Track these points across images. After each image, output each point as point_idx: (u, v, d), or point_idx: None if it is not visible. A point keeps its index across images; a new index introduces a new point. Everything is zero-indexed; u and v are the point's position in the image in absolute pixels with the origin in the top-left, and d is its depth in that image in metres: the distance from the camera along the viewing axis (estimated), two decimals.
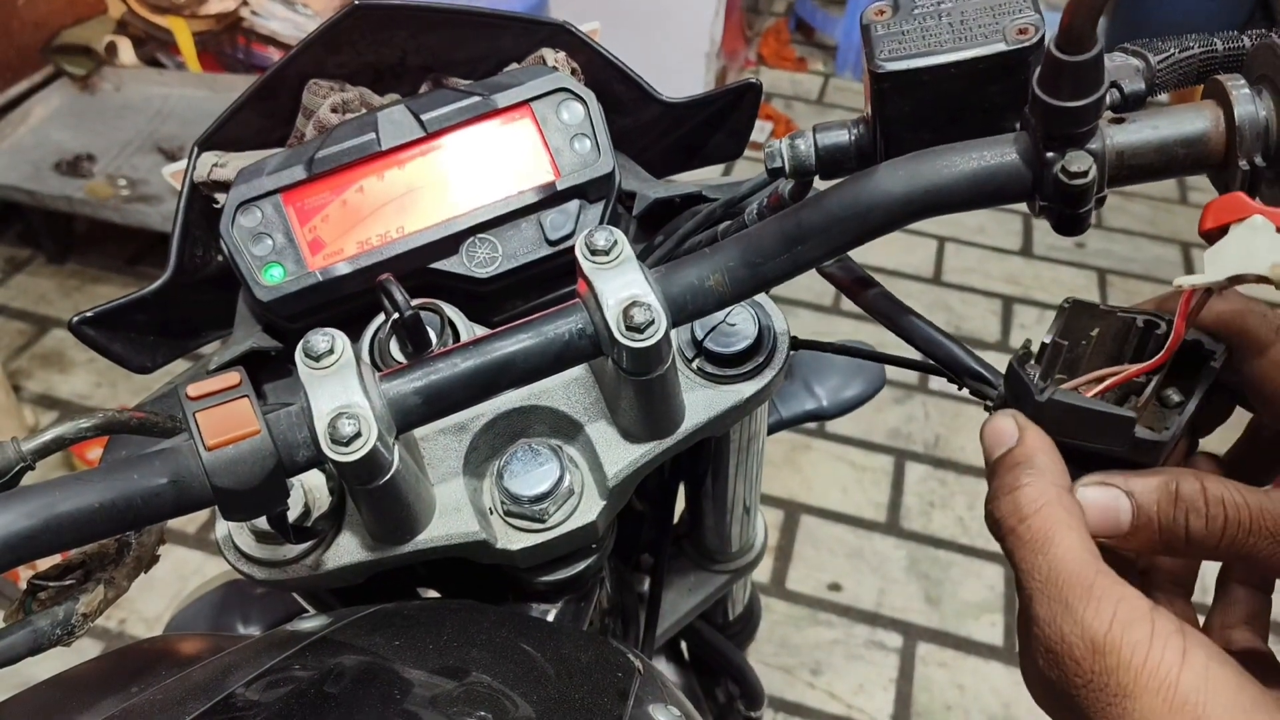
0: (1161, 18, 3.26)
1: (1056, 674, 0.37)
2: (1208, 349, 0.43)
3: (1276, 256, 0.36)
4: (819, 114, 3.41)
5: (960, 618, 1.92)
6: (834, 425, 2.25)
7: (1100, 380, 0.43)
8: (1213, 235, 0.38)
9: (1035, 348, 0.44)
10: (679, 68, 3.06)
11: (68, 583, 0.48)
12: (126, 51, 2.74)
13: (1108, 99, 0.41)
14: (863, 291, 0.51)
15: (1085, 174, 0.39)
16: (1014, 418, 0.42)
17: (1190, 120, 0.40)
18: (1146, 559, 0.47)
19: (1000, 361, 0.45)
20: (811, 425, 1.97)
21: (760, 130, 3.19)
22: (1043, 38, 0.41)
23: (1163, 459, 0.42)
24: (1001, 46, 0.41)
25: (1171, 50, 0.45)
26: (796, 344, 0.57)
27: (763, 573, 1.98)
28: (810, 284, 0.56)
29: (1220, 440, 0.48)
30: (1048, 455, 0.41)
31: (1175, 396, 0.43)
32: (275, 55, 2.67)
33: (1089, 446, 0.42)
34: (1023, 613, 0.39)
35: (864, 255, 0.45)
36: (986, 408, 0.45)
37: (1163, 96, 0.46)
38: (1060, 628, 0.37)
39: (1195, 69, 0.45)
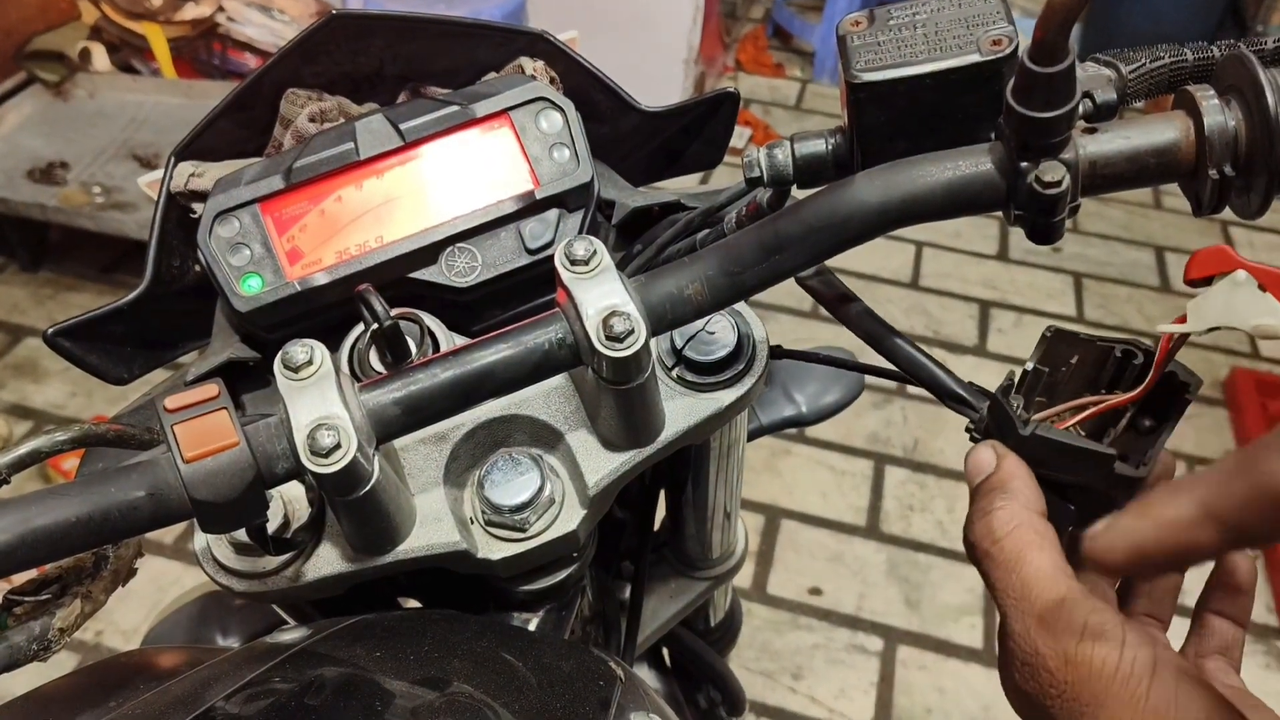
0: (1134, 26, 3.30)
1: (1032, 686, 0.38)
2: (1182, 380, 0.44)
3: (1257, 315, 0.38)
4: (797, 120, 3.43)
5: (940, 620, 1.93)
6: (814, 430, 2.25)
7: (1080, 409, 0.45)
8: (1197, 284, 0.40)
9: (1018, 376, 0.46)
10: (658, 74, 3.06)
11: (44, 597, 0.47)
12: (100, 58, 2.72)
13: (1080, 109, 0.42)
14: (845, 308, 0.51)
15: (1058, 183, 0.39)
16: (993, 447, 0.44)
17: (1161, 130, 0.41)
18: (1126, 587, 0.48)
19: (978, 366, 0.47)
20: (791, 430, 1.99)
21: (739, 136, 3.20)
22: (1016, 49, 0.42)
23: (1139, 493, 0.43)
24: (975, 57, 0.42)
25: (1143, 60, 0.45)
26: (777, 353, 0.57)
27: (744, 578, 1.98)
28: (791, 289, 0.57)
29: (1212, 447, 0.49)
30: (1022, 481, 0.42)
31: (1148, 422, 0.45)
32: (251, 61, 2.65)
33: (1069, 479, 0.43)
34: (1001, 629, 0.40)
35: (843, 260, 0.45)
36: (973, 438, 0.47)
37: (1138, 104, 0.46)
38: (1034, 641, 0.38)
39: (1166, 79, 0.45)
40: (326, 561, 0.50)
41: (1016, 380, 0.46)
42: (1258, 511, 0.29)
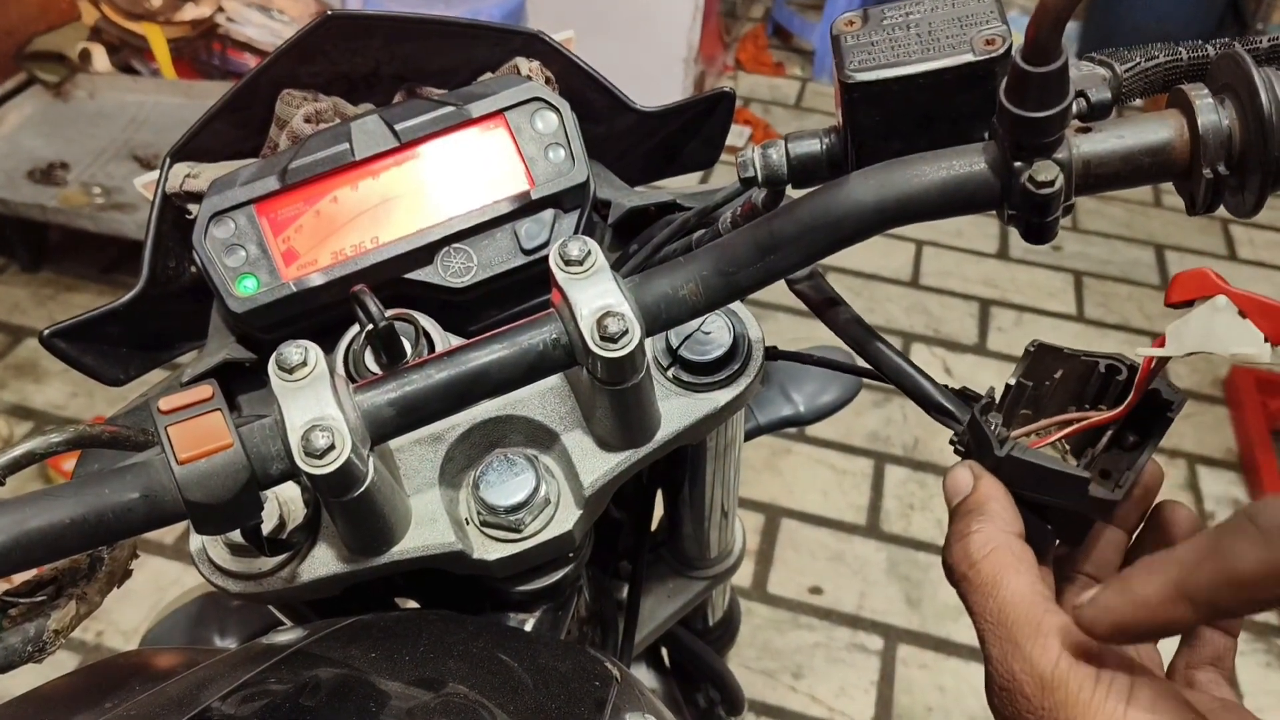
0: (1133, 23, 3.29)
1: (1010, 711, 0.38)
2: (1165, 398, 0.44)
3: (1236, 342, 0.38)
4: (797, 118, 3.42)
5: (940, 619, 1.93)
6: (814, 429, 2.25)
7: (1062, 425, 0.45)
8: (1178, 308, 0.40)
9: (1000, 392, 0.46)
10: (657, 74, 3.06)
11: (39, 599, 0.47)
12: (100, 58, 2.72)
13: (1075, 108, 0.42)
14: (834, 313, 0.51)
15: (1052, 183, 0.39)
16: (970, 468, 0.44)
17: (1155, 129, 0.41)
18: None
19: (978, 364, 0.47)
20: (791, 429, 1.98)
21: (739, 135, 3.20)
22: (1009, 48, 0.41)
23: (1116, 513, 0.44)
24: (969, 57, 0.42)
25: (1138, 59, 0.45)
26: (773, 354, 0.57)
27: (744, 577, 1.98)
28: (789, 289, 0.57)
29: (1212, 446, 0.49)
30: (999, 503, 0.42)
31: (1132, 438, 0.45)
32: (251, 62, 2.65)
33: (1046, 499, 0.43)
34: (982, 653, 0.40)
35: (842, 259, 0.46)
36: (956, 450, 0.47)
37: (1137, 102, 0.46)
38: (1010, 666, 0.38)
39: (1161, 78, 0.45)
40: (322, 562, 0.50)
41: (999, 396, 0.46)
42: (1226, 593, 0.32)
